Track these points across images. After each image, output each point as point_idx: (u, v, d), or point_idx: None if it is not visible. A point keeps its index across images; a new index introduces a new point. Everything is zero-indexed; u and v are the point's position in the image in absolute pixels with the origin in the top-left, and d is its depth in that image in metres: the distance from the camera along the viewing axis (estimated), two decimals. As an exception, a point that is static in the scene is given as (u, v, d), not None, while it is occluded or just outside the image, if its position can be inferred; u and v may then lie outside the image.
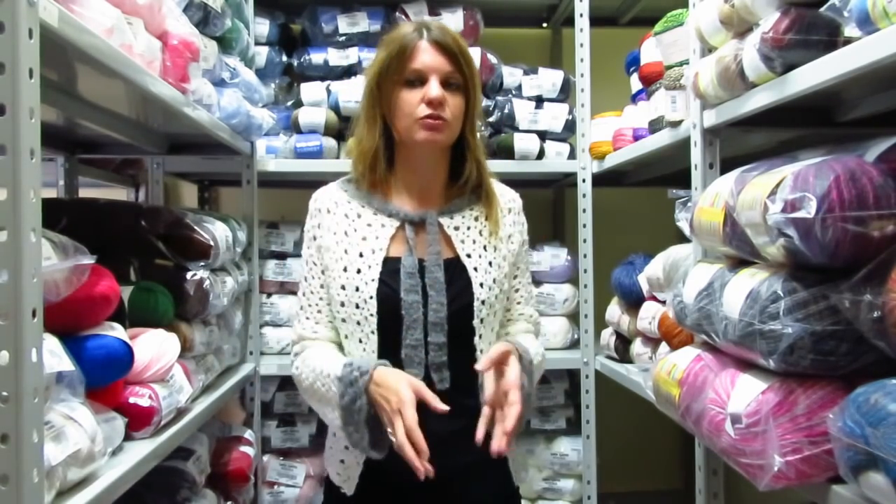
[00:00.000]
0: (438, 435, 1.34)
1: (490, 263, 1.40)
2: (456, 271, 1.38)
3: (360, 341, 1.36)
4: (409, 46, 1.35)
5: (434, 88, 1.33)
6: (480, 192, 1.44)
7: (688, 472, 2.26)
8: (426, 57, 1.35)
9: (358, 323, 1.36)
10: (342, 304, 1.37)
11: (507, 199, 1.48)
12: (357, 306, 1.35)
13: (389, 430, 1.24)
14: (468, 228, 1.42)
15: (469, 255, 1.39)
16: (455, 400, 1.35)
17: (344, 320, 1.38)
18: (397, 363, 1.32)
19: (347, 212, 1.42)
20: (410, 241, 1.37)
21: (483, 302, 1.36)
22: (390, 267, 1.36)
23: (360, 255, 1.37)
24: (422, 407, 1.32)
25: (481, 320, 1.37)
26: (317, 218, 1.43)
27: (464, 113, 1.38)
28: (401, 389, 1.22)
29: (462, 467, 1.37)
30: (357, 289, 1.35)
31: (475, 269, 1.38)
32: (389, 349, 1.34)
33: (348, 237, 1.39)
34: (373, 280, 1.35)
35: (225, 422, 2.19)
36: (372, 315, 1.34)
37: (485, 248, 1.41)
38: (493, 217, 1.43)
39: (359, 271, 1.36)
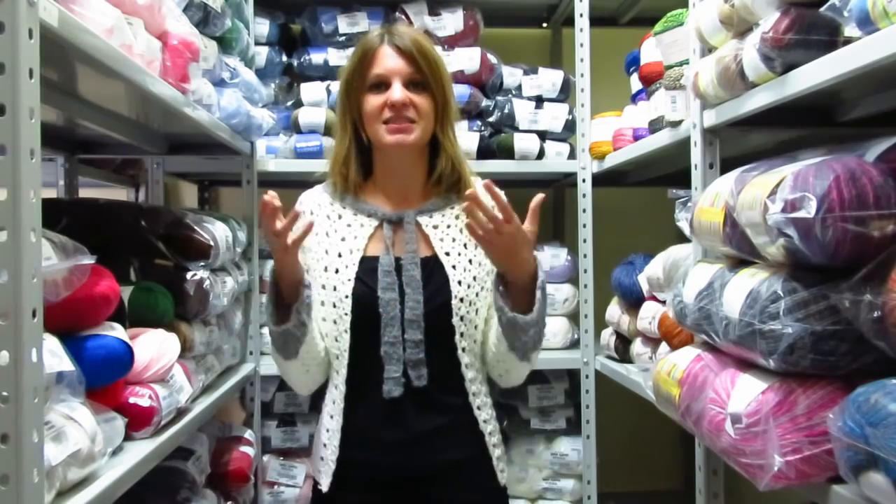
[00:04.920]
0: (419, 432, 1.36)
1: (470, 261, 1.40)
2: (434, 269, 1.38)
3: (336, 339, 1.38)
4: (370, 52, 1.38)
5: (396, 92, 1.35)
6: (461, 190, 1.44)
7: (688, 472, 2.25)
8: (387, 61, 1.37)
9: (334, 321, 1.37)
10: (322, 304, 1.39)
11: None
12: (334, 305, 1.37)
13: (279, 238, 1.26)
14: (447, 227, 1.42)
15: (447, 254, 1.40)
16: (435, 397, 1.36)
17: (324, 319, 1.39)
18: (377, 360, 1.34)
19: (329, 213, 1.44)
20: (388, 240, 1.39)
21: (461, 300, 1.37)
22: (367, 266, 1.38)
23: (339, 256, 1.39)
24: (400, 404, 1.33)
25: (461, 318, 1.37)
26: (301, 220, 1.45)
27: (434, 112, 1.38)
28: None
29: (444, 466, 1.37)
30: (335, 288, 1.37)
31: (453, 266, 1.39)
32: (369, 346, 1.35)
33: (329, 238, 1.41)
34: (349, 280, 1.37)
35: (225, 422, 2.19)
36: (346, 314, 1.36)
37: (465, 245, 1.42)
38: None
39: (337, 271, 1.38)
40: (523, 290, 1.31)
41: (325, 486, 1.42)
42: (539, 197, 1.28)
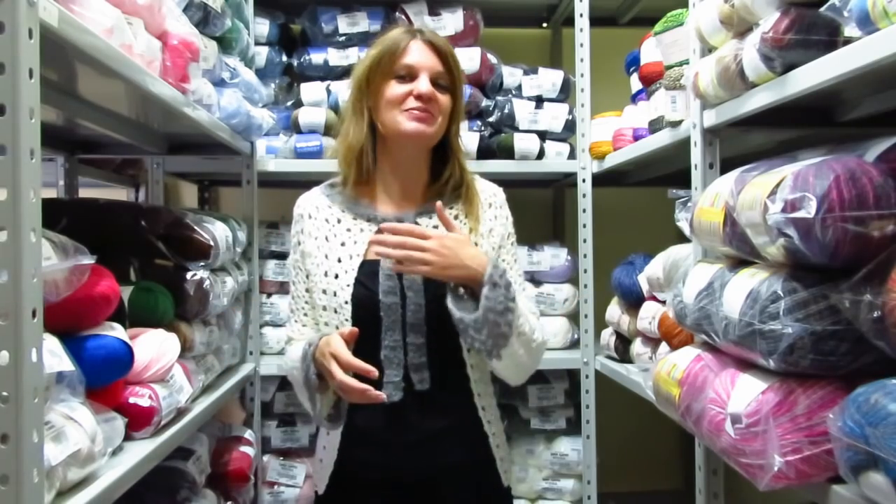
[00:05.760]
0: (422, 434, 1.35)
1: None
2: None
3: None
4: (402, 43, 1.38)
5: (424, 84, 1.35)
6: (461, 192, 1.44)
7: (688, 472, 2.25)
8: (419, 55, 1.37)
9: (336, 327, 1.37)
10: (324, 309, 1.38)
11: (488, 195, 1.48)
12: (335, 311, 1.36)
13: (331, 381, 1.28)
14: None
15: None
16: (438, 400, 1.35)
17: (326, 324, 1.39)
18: (377, 364, 1.33)
19: (328, 217, 1.43)
20: None
21: None
22: (368, 269, 1.37)
23: (339, 261, 1.39)
24: (403, 407, 1.33)
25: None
26: (300, 224, 1.46)
27: (451, 114, 1.39)
28: (331, 340, 1.28)
29: (447, 467, 1.37)
30: (335, 294, 1.37)
31: None
32: (369, 351, 1.34)
33: (328, 242, 1.41)
34: (348, 285, 1.36)
35: (225, 422, 2.19)
36: (347, 320, 1.35)
37: None
38: (474, 214, 1.43)
39: (336, 276, 1.38)
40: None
41: (321, 489, 1.42)
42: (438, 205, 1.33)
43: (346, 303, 1.36)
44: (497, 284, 1.27)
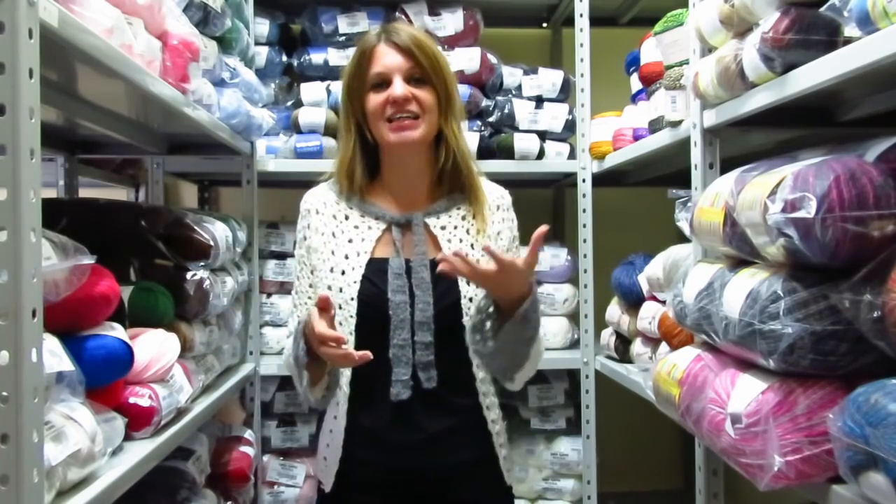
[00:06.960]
0: (428, 433, 1.36)
1: (478, 261, 1.39)
2: None
3: None
4: (368, 52, 1.38)
5: (397, 87, 1.34)
6: (467, 190, 1.44)
7: (688, 472, 2.26)
8: (385, 59, 1.37)
9: (340, 324, 1.36)
10: None
11: (496, 197, 1.48)
12: (340, 307, 1.36)
13: (318, 350, 1.25)
14: (455, 228, 1.42)
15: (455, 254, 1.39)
16: (444, 399, 1.36)
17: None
18: (385, 362, 1.33)
19: (336, 213, 1.43)
20: (397, 243, 1.38)
21: (471, 299, 1.36)
22: (375, 267, 1.37)
23: (346, 257, 1.39)
24: (409, 405, 1.33)
25: (470, 318, 1.37)
26: (306, 219, 1.45)
27: (437, 105, 1.38)
28: (311, 314, 1.25)
29: (452, 466, 1.37)
30: (341, 290, 1.37)
31: None
32: (377, 349, 1.33)
33: (335, 238, 1.40)
34: (355, 282, 1.36)
35: (225, 422, 2.19)
36: (352, 316, 1.35)
37: (472, 246, 1.41)
38: (481, 215, 1.43)
39: (343, 273, 1.38)
40: (511, 306, 1.30)
41: (327, 487, 1.42)
42: (542, 229, 1.22)
43: (353, 299, 1.35)
44: (527, 319, 1.28)
